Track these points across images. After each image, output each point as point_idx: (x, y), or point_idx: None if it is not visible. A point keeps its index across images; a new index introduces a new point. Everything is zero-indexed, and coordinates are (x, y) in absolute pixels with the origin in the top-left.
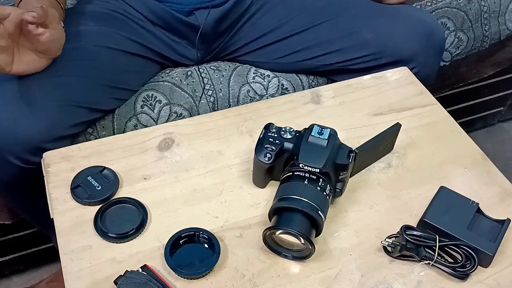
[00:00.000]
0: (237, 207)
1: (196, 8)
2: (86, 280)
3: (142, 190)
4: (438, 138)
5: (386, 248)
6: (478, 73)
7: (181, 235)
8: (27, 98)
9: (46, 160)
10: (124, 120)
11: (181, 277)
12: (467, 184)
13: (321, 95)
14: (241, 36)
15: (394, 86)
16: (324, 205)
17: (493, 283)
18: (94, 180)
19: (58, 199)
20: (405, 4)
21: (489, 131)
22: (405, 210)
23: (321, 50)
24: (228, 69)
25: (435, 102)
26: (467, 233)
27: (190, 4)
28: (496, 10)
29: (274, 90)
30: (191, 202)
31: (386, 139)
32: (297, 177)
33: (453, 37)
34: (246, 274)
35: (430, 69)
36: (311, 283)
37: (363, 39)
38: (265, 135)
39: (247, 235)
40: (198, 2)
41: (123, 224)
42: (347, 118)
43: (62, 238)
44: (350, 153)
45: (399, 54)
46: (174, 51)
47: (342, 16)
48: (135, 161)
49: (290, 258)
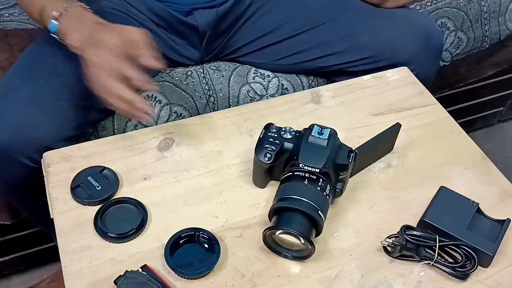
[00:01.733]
0: (237, 207)
1: (195, 8)
2: (86, 280)
3: (142, 190)
4: (438, 138)
5: (386, 248)
6: (478, 73)
7: (181, 235)
8: (37, 99)
9: (46, 160)
10: (124, 120)
11: (181, 277)
12: (467, 184)
13: (321, 95)
14: (241, 36)
15: (394, 86)
16: (324, 205)
17: (493, 283)
18: (94, 180)
19: (58, 199)
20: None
21: (489, 131)
22: (405, 210)
23: (320, 52)
24: (228, 69)
25: (435, 102)
26: (467, 233)
27: (189, 4)
28: (496, 10)
29: (274, 90)
30: (191, 202)
31: (386, 139)
32: (297, 177)
33: (453, 37)
34: (246, 274)
35: (429, 71)
36: (311, 283)
37: (361, 42)
38: (265, 135)
39: (247, 235)
40: (196, 2)
41: (123, 224)
42: (347, 118)
43: (62, 238)
44: (350, 153)
45: (397, 57)
46: (174, 51)
47: (341, 18)
48: (135, 161)
49: (290, 258)
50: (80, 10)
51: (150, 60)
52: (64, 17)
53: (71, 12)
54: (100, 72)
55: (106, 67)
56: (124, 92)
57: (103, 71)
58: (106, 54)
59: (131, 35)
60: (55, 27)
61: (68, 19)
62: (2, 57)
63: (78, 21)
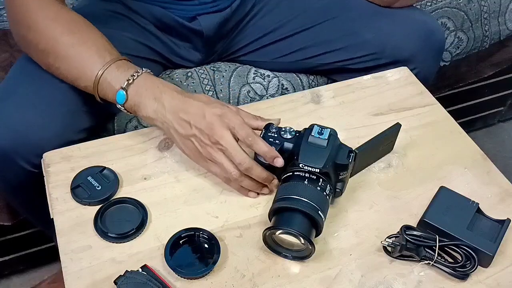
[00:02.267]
0: (237, 207)
1: (199, 14)
2: (86, 280)
3: (142, 190)
4: (438, 138)
5: (386, 248)
6: (478, 73)
7: (181, 235)
8: (39, 103)
9: (46, 160)
10: (124, 121)
11: (181, 277)
12: (467, 184)
13: (321, 95)
14: (243, 37)
15: (394, 86)
16: (324, 205)
17: (493, 283)
18: (94, 180)
19: (58, 199)
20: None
21: (489, 131)
22: (405, 210)
23: (321, 49)
24: (228, 69)
25: (435, 102)
26: (467, 233)
27: (193, 10)
28: (496, 10)
29: (274, 90)
30: (191, 202)
31: (386, 139)
32: (297, 177)
33: (453, 37)
34: (246, 274)
35: (430, 69)
36: (311, 283)
37: (363, 39)
38: (265, 135)
39: (247, 235)
40: (201, 8)
41: (123, 224)
42: (347, 118)
43: (62, 238)
44: (350, 153)
45: (399, 54)
46: (176, 54)
47: (342, 17)
48: (135, 161)
49: (290, 258)
50: (149, 76)
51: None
52: (133, 87)
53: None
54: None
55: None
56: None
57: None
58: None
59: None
60: (123, 99)
61: (138, 88)
62: (2, 57)
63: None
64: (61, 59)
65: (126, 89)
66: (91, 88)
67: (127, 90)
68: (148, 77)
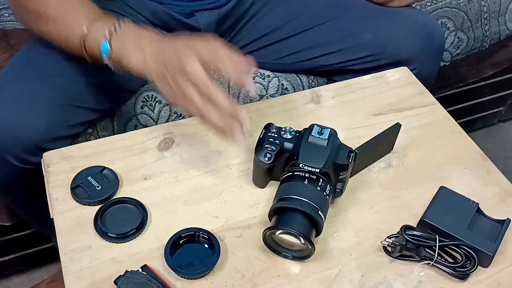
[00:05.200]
0: (237, 207)
1: (196, 10)
2: (86, 280)
3: (142, 190)
4: (438, 138)
5: (386, 248)
6: (478, 73)
7: (181, 235)
8: (26, 98)
9: (46, 160)
10: (124, 120)
11: (181, 277)
12: (467, 184)
13: (321, 95)
14: (242, 37)
15: (394, 86)
16: (324, 205)
17: (493, 283)
18: (94, 180)
19: (58, 199)
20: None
21: (489, 131)
22: (405, 210)
23: (321, 50)
24: None
25: (435, 102)
26: (467, 233)
27: (191, 6)
28: (496, 10)
29: (274, 90)
30: (191, 202)
31: (386, 139)
32: (297, 177)
33: (453, 37)
34: (246, 274)
35: (430, 70)
36: (311, 283)
37: (363, 40)
38: (265, 135)
39: (247, 235)
40: (198, 4)
41: (123, 224)
42: (347, 118)
43: (62, 238)
44: (350, 153)
45: (399, 55)
46: None
47: (342, 17)
48: (135, 161)
49: (290, 258)
50: (131, 26)
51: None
52: (115, 38)
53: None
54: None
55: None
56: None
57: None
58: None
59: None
60: (107, 49)
61: (121, 38)
62: (2, 57)
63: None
64: (52, 23)
65: (109, 40)
66: (81, 49)
67: (110, 41)
68: (129, 26)
